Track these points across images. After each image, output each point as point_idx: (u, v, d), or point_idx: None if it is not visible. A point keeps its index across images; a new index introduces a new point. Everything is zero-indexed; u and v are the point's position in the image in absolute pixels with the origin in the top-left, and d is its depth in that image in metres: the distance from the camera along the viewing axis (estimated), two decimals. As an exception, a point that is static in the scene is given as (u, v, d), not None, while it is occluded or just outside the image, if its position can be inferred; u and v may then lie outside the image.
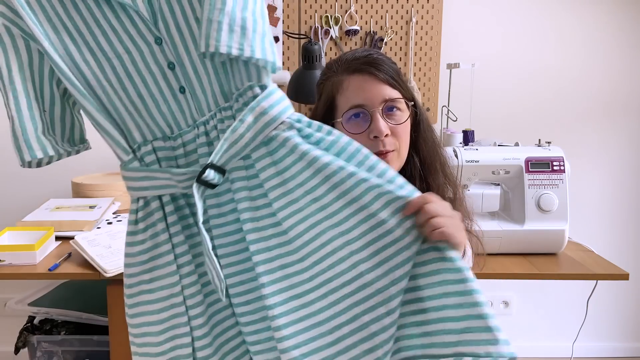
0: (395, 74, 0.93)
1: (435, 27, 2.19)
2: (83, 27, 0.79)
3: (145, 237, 0.82)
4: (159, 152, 0.83)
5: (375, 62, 0.92)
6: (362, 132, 0.91)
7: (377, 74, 0.91)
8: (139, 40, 0.80)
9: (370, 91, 0.91)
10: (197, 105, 0.82)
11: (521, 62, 2.25)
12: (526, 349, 2.49)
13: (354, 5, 2.16)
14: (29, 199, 2.17)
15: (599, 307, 2.38)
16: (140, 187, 0.82)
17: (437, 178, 0.97)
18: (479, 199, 1.76)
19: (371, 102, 0.91)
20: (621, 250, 2.38)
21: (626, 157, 2.35)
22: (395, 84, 0.92)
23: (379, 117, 0.90)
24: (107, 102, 0.82)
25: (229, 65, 0.81)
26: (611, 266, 1.47)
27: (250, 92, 0.79)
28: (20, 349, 1.66)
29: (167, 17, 0.80)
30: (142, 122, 0.83)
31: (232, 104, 0.80)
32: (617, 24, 2.22)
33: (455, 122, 1.97)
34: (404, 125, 0.93)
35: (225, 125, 0.80)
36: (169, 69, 0.81)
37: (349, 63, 0.94)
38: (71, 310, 1.65)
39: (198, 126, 0.82)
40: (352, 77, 0.93)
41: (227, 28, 0.74)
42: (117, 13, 0.79)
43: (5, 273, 1.37)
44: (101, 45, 0.80)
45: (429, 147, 0.97)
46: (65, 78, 0.79)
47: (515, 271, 1.44)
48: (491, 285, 2.32)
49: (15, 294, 1.79)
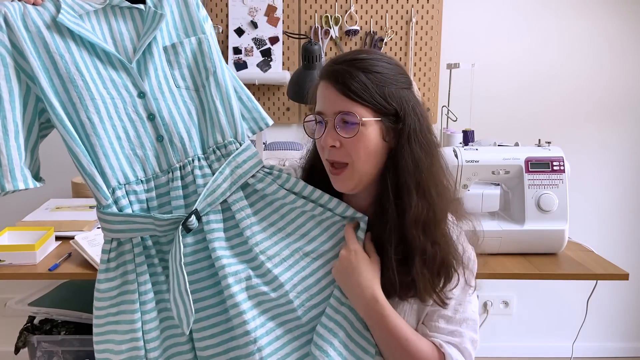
0: (361, 87, 0.88)
1: (435, 27, 2.19)
2: (73, 68, 0.85)
3: (116, 275, 0.88)
4: (131, 196, 0.88)
5: (339, 73, 0.90)
6: (318, 138, 0.94)
7: (334, 85, 0.90)
8: (123, 90, 0.88)
9: (327, 100, 0.92)
10: (173, 153, 0.90)
11: (521, 62, 2.25)
12: (526, 349, 2.50)
13: (354, 5, 2.16)
14: (29, 199, 2.16)
15: (599, 307, 2.38)
16: (117, 229, 0.87)
17: (410, 197, 0.90)
18: (479, 199, 1.75)
19: (327, 111, 0.92)
20: (621, 250, 2.38)
21: (626, 157, 2.35)
22: (353, 94, 0.88)
23: (329, 129, 0.91)
24: (87, 143, 0.86)
25: (216, 122, 0.92)
26: (611, 266, 1.47)
27: (230, 146, 0.92)
28: (20, 349, 1.66)
29: (151, 76, 0.89)
30: (118, 165, 0.87)
31: (209, 155, 0.91)
32: (616, 24, 2.22)
33: (455, 122, 1.97)
34: (356, 140, 0.89)
35: (201, 172, 0.90)
36: (149, 120, 0.90)
37: (326, 67, 0.95)
38: (71, 310, 1.65)
39: (173, 171, 0.90)
40: (321, 83, 0.94)
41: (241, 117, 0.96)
42: (109, 60, 0.88)
43: (5, 273, 1.37)
44: (88, 86, 0.85)
45: (407, 163, 0.91)
46: (58, 119, 0.83)
47: (515, 271, 1.44)
48: (491, 285, 2.33)
49: (15, 294, 1.79)
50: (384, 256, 0.92)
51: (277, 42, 2.16)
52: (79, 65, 0.85)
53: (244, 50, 2.15)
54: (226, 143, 0.92)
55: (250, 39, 2.16)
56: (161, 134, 0.89)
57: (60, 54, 0.84)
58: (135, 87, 0.88)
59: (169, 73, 0.92)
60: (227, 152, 0.91)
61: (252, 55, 2.16)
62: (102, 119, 0.86)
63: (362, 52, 0.94)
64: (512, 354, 2.49)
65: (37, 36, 0.83)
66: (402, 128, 0.91)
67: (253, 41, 2.16)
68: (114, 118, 0.87)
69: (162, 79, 0.91)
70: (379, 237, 0.93)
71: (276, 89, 2.21)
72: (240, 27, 2.16)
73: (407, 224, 0.89)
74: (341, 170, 0.93)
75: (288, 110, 2.23)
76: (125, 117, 0.88)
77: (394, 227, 0.90)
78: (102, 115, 0.86)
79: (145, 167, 0.89)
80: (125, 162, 0.88)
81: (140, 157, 0.89)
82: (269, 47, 2.16)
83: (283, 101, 2.22)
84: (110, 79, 0.87)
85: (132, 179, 0.88)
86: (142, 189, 0.89)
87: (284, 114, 2.23)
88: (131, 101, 0.88)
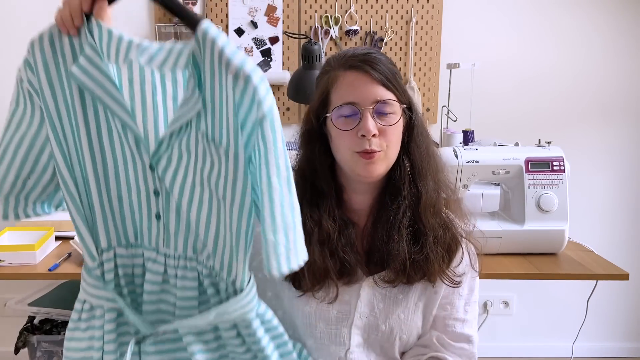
0: (391, 76, 0.91)
1: (435, 27, 2.19)
2: (92, 121, 0.78)
3: (84, 337, 0.85)
4: (119, 259, 0.84)
5: (372, 61, 0.90)
6: (351, 129, 0.91)
7: (371, 73, 0.89)
8: (137, 158, 0.79)
9: (363, 89, 0.90)
10: (166, 237, 0.82)
11: (521, 62, 2.25)
12: (526, 349, 2.50)
13: (354, 5, 2.16)
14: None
15: (599, 307, 2.38)
16: (93, 294, 0.84)
17: (426, 183, 0.95)
18: (479, 199, 1.75)
19: (362, 100, 0.90)
20: (621, 250, 2.38)
21: (626, 157, 2.35)
22: (389, 86, 0.91)
23: (369, 116, 0.89)
24: (85, 199, 0.81)
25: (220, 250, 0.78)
26: (611, 266, 1.47)
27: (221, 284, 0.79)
28: (20, 349, 1.67)
29: (173, 156, 0.77)
30: (113, 225, 0.83)
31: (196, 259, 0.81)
32: (616, 25, 2.22)
33: (455, 122, 1.97)
34: (394, 128, 0.91)
35: (182, 273, 0.81)
36: (154, 194, 0.81)
37: (347, 59, 0.93)
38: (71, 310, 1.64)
39: (159, 253, 0.83)
40: (347, 73, 0.91)
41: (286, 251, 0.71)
42: (126, 129, 0.77)
43: (5, 273, 1.37)
44: (102, 141, 0.79)
45: (420, 152, 0.96)
46: (59, 170, 0.78)
47: (515, 271, 1.44)
48: (491, 285, 2.32)
49: (15, 294, 1.79)
50: (397, 239, 0.93)
51: (277, 42, 2.16)
52: (100, 122, 0.78)
53: (244, 50, 2.15)
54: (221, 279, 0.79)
55: (250, 39, 2.16)
56: (160, 212, 0.81)
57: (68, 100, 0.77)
58: (150, 158, 0.79)
59: (194, 165, 0.76)
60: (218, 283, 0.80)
61: (252, 55, 2.16)
62: (107, 175, 0.81)
63: (369, 48, 0.96)
64: (512, 354, 2.48)
65: (60, 72, 0.77)
66: (414, 120, 0.96)
67: (253, 41, 2.16)
68: (120, 176, 0.81)
69: (182, 166, 0.77)
70: (392, 221, 0.94)
71: (276, 89, 2.21)
72: (240, 27, 2.16)
73: (422, 208, 0.94)
74: (372, 155, 0.91)
75: (288, 110, 2.23)
76: (134, 180, 0.81)
77: (409, 210, 0.94)
78: (107, 172, 0.81)
79: (137, 233, 0.84)
80: (120, 223, 0.83)
81: (136, 222, 0.83)
82: (269, 47, 2.16)
83: (283, 101, 2.22)
84: (127, 143, 0.79)
85: (124, 242, 0.84)
86: (132, 253, 0.84)
87: (284, 114, 2.23)
88: (142, 169, 0.80)
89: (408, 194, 0.94)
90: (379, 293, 0.96)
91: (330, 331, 0.96)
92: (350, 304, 0.96)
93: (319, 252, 0.94)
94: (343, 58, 0.94)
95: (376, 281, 0.95)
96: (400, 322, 0.96)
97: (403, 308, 0.96)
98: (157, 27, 2.09)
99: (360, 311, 0.96)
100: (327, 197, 0.97)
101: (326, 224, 0.95)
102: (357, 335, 0.96)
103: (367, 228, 1.00)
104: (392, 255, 0.93)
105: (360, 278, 0.96)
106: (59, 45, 0.76)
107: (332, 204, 0.97)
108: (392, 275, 0.93)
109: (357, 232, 0.99)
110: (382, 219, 0.96)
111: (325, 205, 0.96)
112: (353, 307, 0.96)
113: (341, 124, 0.92)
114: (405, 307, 0.96)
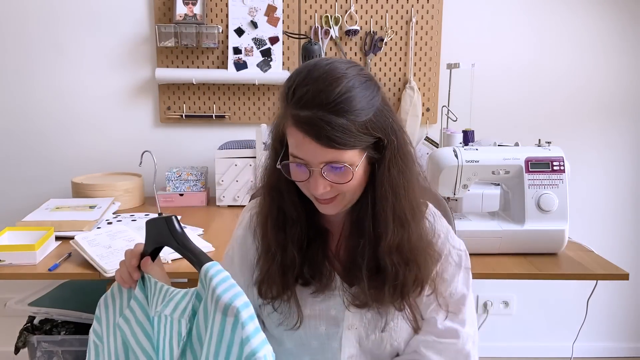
0: (344, 131, 0.80)
1: (435, 27, 2.19)
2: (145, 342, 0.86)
3: None
4: None
5: (315, 124, 0.79)
6: (303, 181, 0.88)
7: (316, 140, 0.80)
8: None
9: (309, 152, 0.83)
10: None
11: (521, 62, 2.25)
12: (526, 349, 2.50)
13: (354, 5, 2.16)
14: (29, 199, 2.17)
15: (599, 307, 2.38)
16: None
17: (387, 225, 0.88)
18: (479, 199, 1.76)
19: (311, 160, 0.84)
20: (621, 250, 2.38)
21: (626, 157, 2.35)
22: (340, 145, 0.81)
23: (317, 177, 0.84)
24: None
25: None
26: (611, 266, 1.47)
27: None
28: (20, 349, 1.66)
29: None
30: None
31: None
32: (616, 24, 2.22)
33: (455, 122, 1.97)
34: (347, 181, 0.85)
35: None
36: None
37: (293, 107, 0.82)
38: (71, 310, 1.65)
39: None
40: (292, 129, 0.83)
41: None
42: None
43: (5, 273, 1.37)
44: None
45: (384, 191, 0.88)
46: None
47: (515, 271, 1.44)
48: (491, 285, 2.33)
49: (15, 294, 1.79)
50: (356, 269, 0.92)
51: (277, 42, 2.16)
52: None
53: (244, 50, 2.15)
54: None
55: (250, 39, 2.16)
56: None
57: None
58: None
59: None
60: None
61: (252, 55, 2.16)
62: None
63: (328, 83, 0.80)
64: (512, 354, 2.49)
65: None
66: (384, 153, 0.86)
67: (253, 41, 2.16)
68: None
69: None
70: (356, 250, 0.92)
71: (276, 89, 2.21)
72: (240, 27, 2.16)
73: (382, 250, 0.89)
74: (331, 199, 0.89)
75: (288, 110, 2.23)
76: None
77: (368, 246, 0.90)
78: None
79: None
80: None
81: None
82: (269, 47, 2.16)
83: (283, 101, 2.22)
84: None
85: None
86: None
87: (284, 114, 2.23)
88: None
89: (369, 230, 0.90)
90: None
91: (323, 347, 0.96)
92: (337, 318, 0.95)
93: (280, 274, 0.93)
94: (292, 100, 0.82)
95: (347, 306, 0.93)
96: (390, 329, 0.95)
97: (392, 316, 0.94)
98: (157, 27, 2.09)
99: (348, 323, 0.95)
100: (295, 224, 0.93)
101: (291, 251, 0.92)
102: (347, 347, 0.95)
103: (343, 236, 0.98)
104: (355, 284, 0.92)
105: (335, 287, 0.95)
106: (119, 298, 0.89)
107: (301, 229, 0.93)
108: (362, 299, 0.92)
109: (333, 240, 0.98)
110: (349, 242, 0.94)
111: (293, 231, 0.93)
112: (340, 319, 0.95)
113: (294, 175, 0.88)
114: (393, 315, 0.94)
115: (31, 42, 2.16)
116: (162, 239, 0.84)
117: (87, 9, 2.15)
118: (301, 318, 0.94)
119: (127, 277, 0.87)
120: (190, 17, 2.11)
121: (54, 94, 2.20)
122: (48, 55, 2.17)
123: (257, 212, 0.98)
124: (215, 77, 2.17)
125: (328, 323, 0.95)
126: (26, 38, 2.15)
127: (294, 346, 0.98)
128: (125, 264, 0.88)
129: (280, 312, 0.95)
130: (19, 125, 2.22)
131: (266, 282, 0.94)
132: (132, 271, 0.86)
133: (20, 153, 2.24)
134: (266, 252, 0.95)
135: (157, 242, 0.86)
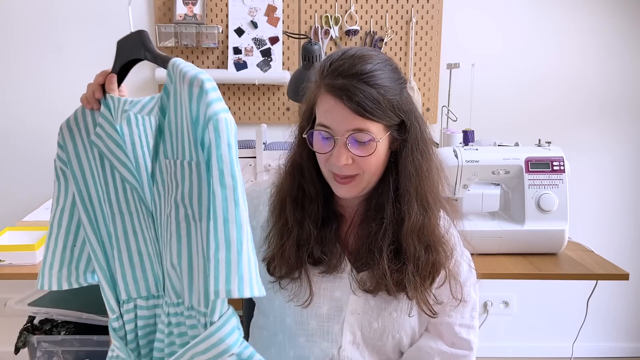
0: (372, 104, 0.85)
1: (435, 27, 2.19)
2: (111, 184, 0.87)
3: None
4: (139, 311, 0.87)
5: (351, 91, 0.84)
6: (325, 153, 0.90)
7: (348, 104, 0.84)
8: (140, 207, 0.86)
9: (338, 118, 0.86)
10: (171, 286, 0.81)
11: (521, 62, 2.25)
12: (526, 349, 2.50)
13: (354, 5, 2.16)
14: (29, 199, 2.17)
15: (599, 307, 2.38)
16: (117, 347, 0.87)
17: (410, 207, 0.91)
18: (479, 199, 1.76)
19: (337, 128, 0.87)
20: (621, 250, 2.38)
21: (626, 157, 2.35)
22: (368, 116, 0.85)
23: (341, 147, 0.87)
24: (109, 254, 0.87)
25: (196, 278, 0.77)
26: (611, 266, 1.47)
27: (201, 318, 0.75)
28: (20, 349, 1.66)
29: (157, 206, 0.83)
30: (133, 278, 0.87)
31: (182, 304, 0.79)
32: (616, 24, 2.22)
33: (455, 122, 1.97)
34: (372, 156, 0.88)
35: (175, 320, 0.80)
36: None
37: (328, 78, 0.87)
38: (71, 310, 1.65)
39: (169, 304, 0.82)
40: (326, 97, 0.87)
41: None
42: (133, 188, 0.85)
43: (5, 273, 1.38)
44: (120, 202, 0.86)
45: (407, 174, 0.91)
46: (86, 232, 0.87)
47: (515, 271, 1.44)
48: (491, 285, 2.33)
49: (15, 294, 1.79)
50: (376, 253, 0.93)
51: (277, 42, 2.16)
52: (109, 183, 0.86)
53: (244, 50, 2.15)
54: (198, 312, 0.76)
55: (250, 39, 2.16)
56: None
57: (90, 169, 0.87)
58: (149, 210, 0.85)
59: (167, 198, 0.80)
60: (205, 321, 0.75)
61: (252, 55, 2.16)
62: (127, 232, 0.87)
63: (362, 59, 0.87)
64: (512, 354, 2.49)
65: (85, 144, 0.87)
66: (407, 136, 0.91)
67: (253, 41, 2.16)
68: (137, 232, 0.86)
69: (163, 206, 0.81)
70: (373, 236, 0.93)
71: (276, 89, 2.21)
72: (240, 27, 2.16)
73: (404, 232, 0.91)
74: (349, 180, 0.91)
75: (288, 110, 2.23)
76: (147, 231, 0.86)
77: (390, 229, 0.92)
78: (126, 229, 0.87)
79: (158, 283, 0.86)
80: (141, 275, 0.86)
81: (156, 273, 0.86)
82: (269, 47, 2.16)
83: (283, 101, 2.22)
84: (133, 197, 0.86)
85: (144, 293, 0.87)
86: (153, 304, 0.87)
87: (284, 114, 2.23)
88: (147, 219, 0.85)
89: (391, 214, 0.92)
90: None
91: (322, 328, 0.96)
92: (341, 300, 0.96)
93: (295, 250, 0.94)
94: (326, 75, 0.88)
95: (354, 290, 0.95)
96: (393, 320, 0.96)
97: (395, 306, 0.96)
98: (157, 27, 2.09)
99: (352, 307, 0.95)
100: (313, 201, 0.96)
101: (307, 227, 0.94)
102: (349, 332, 0.96)
103: (354, 223, 0.99)
104: (371, 266, 0.93)
105: (343, 270, 0.96)
106: (83, 121, 0.87)
107: (318, 207, 0.96)
108: (372, 284, 0.93)
109: (345, 225, 1.00)
110: (365, 226, 0.95)
111: (311, 208, 0.95)
112: (344, 303, 0.96)
113: (317, 146, 0.91)
114: (397, 306, 0.96)
115: (31, 42, 2.16)
116: (132, 51, 0.85)
117: (87, 9, 2.14)
118: (312, 295, 0.95)
119: (90, 97, 0.84)
120: (190, 17, 2.11)
121: (54, 94, 2.20)
122: (48, 55, 2.17)
123: (275, 192, 1.01)
124: (215, 77, 2.13)
125: (331, 305, 0.96)
126: (26, 38, 2.15)
127: (293, 322, 0.98)
128: (91, 85, 0.85)
129: (290, 289, 0.96)
130: (19, 125, 2.22)
131: (278, 257, 0.96)
132: (96, 89, 0.83)
133: (20, 153, 2.24)
134: (283, 227, 0.97)
135: (128, 57, 0.86)
